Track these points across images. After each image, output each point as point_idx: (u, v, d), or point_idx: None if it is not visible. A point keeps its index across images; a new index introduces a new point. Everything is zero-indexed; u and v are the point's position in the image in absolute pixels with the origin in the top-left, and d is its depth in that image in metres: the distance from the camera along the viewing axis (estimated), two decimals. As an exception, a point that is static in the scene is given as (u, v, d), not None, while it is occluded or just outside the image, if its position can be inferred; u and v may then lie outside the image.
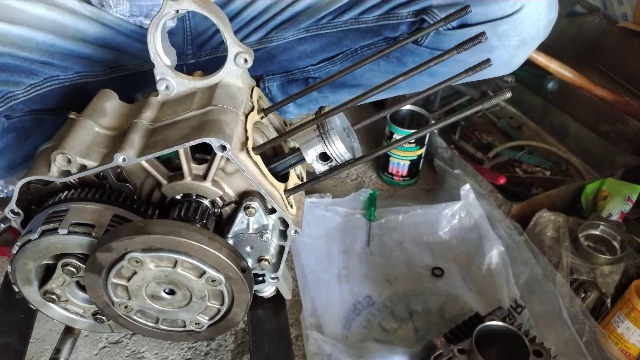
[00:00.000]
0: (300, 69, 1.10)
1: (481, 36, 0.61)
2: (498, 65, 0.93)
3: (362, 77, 1.08)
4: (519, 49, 0.90)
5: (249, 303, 0.69)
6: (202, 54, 1.05)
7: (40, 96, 0.88)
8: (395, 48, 0.71)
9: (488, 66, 0.60)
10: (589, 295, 0.96)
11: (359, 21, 1.01)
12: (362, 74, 1.07)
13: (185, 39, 1.02)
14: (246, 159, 0.66)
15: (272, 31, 0.99)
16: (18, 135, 0.88)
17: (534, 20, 0.86)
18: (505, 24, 0.86)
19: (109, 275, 0.64)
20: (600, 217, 1.07)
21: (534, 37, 0.89)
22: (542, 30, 0.88)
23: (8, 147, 0.87)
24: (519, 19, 0.85)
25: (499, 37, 0.89)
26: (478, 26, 0.89)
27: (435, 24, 0.68)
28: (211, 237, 0.63)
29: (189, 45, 1.03)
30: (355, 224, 1.12)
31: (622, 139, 1.30)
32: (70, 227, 0.65)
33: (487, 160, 1.31)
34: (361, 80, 1.08)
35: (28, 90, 0.85)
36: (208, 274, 0.64)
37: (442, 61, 0.62)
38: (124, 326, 0.72)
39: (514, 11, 0.84)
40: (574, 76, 1.39)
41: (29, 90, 0.85)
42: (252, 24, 1.02)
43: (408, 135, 0.65)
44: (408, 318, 0.98)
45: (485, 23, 0.86)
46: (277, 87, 1.19)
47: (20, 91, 0.84)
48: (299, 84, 1.16)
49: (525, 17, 0.85)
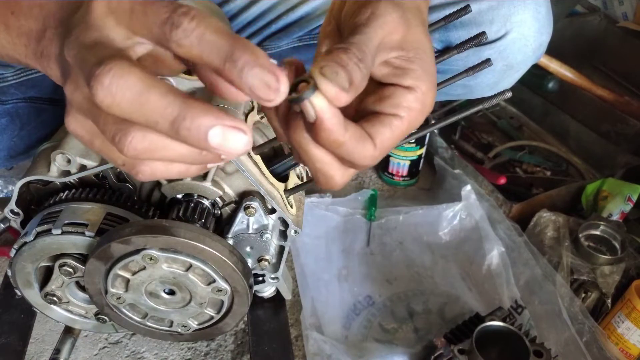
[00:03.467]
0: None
1: (481, 36, 0.61)
2: (484, 88, 0.90)
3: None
4: (504, 73, 0.87)
5: (243, 317, 0.70)
6: None
7: (32, 81, 0.86)
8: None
9: (488, 66, 0.60)
10: (589, 296, 0.96)
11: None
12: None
13: None
14: (246, 158, 0.66)
15: (267, 39, 0.99)
16: (12, 121, 0.86)
17: (520, 46, 0.83)
18: (489, 50, 0.82)
19: (115, 265, 0.64)
20: (600, 217, 1.07)
21: (521, 62, 0.86)
22: (530, 55, 0.85)
23: (2, 131, 0.86)
24: (503, 45, 0.82)
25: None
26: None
27: (435, 24, 0.67)
28: (232, 250, 0.64)
29: None
30: (356, 224, 1.12)
31: (622, 139, 1.30)
32: (64, 227, 0.65)
33: (487, 160, 1.31)
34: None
35: (18, 74, 0.84)
36: (217, 283, 0.64)
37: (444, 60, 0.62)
38: (107, 315, 0.72)
39: (498, 37, 0.81)
40: (574, 76, 1.39)
41: (19, 74, 0.84)
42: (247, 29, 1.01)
43: (408, 135, 0.65)
44: (408, 318, 0.97)
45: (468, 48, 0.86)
46: None
47: (10, 74, 0.83)
48: None
49: (510, 43, 0.82)
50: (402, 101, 0.41)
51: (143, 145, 0.35)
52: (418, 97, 0.41)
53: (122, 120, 0.35)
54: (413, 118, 0.41)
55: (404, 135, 0.42)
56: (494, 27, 0.80)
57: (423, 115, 0.42)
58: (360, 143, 0.39)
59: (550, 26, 0.86)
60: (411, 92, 0.41)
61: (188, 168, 0.40)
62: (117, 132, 0.35)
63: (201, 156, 0.37)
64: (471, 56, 0.80)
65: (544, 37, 0.85)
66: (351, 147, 0.39)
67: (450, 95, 0.99)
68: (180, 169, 0.39)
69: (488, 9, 0.80)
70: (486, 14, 0.80)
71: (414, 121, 0.42)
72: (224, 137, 0.33)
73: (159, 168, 0.39)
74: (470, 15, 0.65)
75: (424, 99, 0.42)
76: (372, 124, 0.40)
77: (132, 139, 0.35)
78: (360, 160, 0.40)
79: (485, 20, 0.80)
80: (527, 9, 0.80)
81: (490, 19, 0.80)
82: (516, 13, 0.80)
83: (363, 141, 0.39)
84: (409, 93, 0.41)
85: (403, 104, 0.41)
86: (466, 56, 0.71)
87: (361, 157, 0.39)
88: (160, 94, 0.33)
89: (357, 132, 0.39)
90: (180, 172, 0.40)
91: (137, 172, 0.39)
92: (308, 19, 0.96)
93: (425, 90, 0.42)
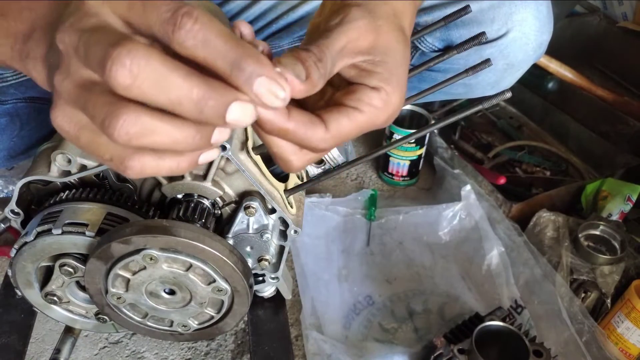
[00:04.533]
0: None
1: (481, 36, 0.61)
2: (485, 86, 0.91)
3: None
4: (505, 71, 0.88)
5: (243, 316, 0.70)
6: None
7: (32, 81, 0.86)
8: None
9: (488, 66, 0.60)
10: (589, 295, 0.96)
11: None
12: None
13: None
14: (246, 158, 0.66)
15: (268, 39, 0.99)
16: (12, 121, 0.86)
17: (521, 44, 0.84)
18: (490, 48, 0.83)
19: (116, 265, 0.64)
20: (600, 217, 1.07)
21: (522, 61, 0.87)
22: (531, 54, 0.86)
23: (1, 132, 0.86)
24: (504, 44, 0.83)
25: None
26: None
27: (435, 24, 0.67)
28: (232, 249, 0.64)
29: None
30: (355, 224, 1.12)
31: (622, 139, 1.30)
32: (64, 227, 0.65)
33: (487, 160, 1.31)
34: None
35: (18, 74, 0.83)
36: (217, 283, 0.64)
37: (443, 60, 0.62)
38: (107, 315, 0.72)
39: (499, 36, 0.82)
40: (574, 76, 1.39)
41: (19, 74, 0.83)
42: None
43: (408, 135, 0.65)
44: (408, 318, 0.98)
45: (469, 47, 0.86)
46: None
47: (9, 74, 0.83)
48: None
49: (511, 42, 0.83)
50: (365, 97, 0.44)
51: (135, 128, 0.34)
52: (382, 97, 0.44)
53: (113, 102, 0.34)
54: (374, 115, 0.44)
55: (364, 128, 0.45)
56: (495, 25, 0.81)
57: (386, 113, 0.45)
58: (309, 128, 0.41)
59: (551, 25, 0.86)
60: (375, 92, 0.44)
61: (179, 163, 0.39)
62: (107, 115, 0.34)
63: (194, 141, 0.36)
64: (472, 55, 0.80)
65: (545, 36, 0.86)
66: (300, 133, 0.41)
67: (450, 95, 0.99)
68: (171, 164, 0.38)
69: (489, 8, 0.80)
70: (487, 12, 0.80)
71: (375, 118, 0.44)
72: (242, 112, 0.34)
73: (149, 163, 0.38)
74: (472, 13, 0.66)
75: (388, 99, 0.44)
76: (330, 112, 0.43)
77: (124, 122, 0.34)
78: (312, 144, 0.42)
79: (486, 18, 0.80)
80: (528, 7, 0.81)
81: (491, 18, 0.80)
82: (517, 12, 0.80)
83: (312, 126, 0.42)
84: (372, 92, 0.44)
85: (365, 100, 0.44)
86: (467, 55, 0.72)
87: (312, 140, 0.42)
88: (183, 75, 0.33)
89: (304, 118, 0.41)
90: (171, 168, 0.39)
91: (125, 167, 0.38)
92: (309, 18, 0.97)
93: (390, 91, 0.44)
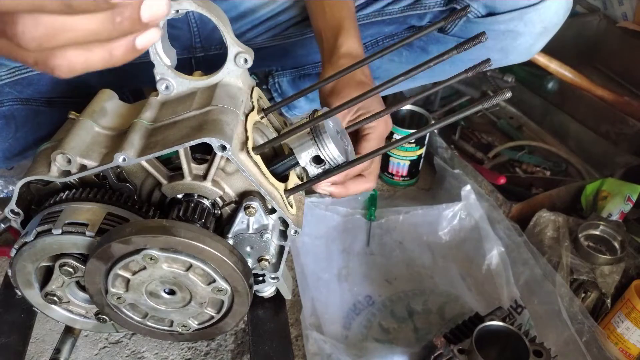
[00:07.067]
0: (316, 62, 1.08)
1: (481, 36, 0.61)
2: (521, 51, 1.01)
3: (380, 69, 1.06)
4: (541, 35, 0.98)
5: (243, 316, 0.70)
6: (211, 48, 1.04)
7: (28, 80, 0.85)
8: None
9: (488, 66, 0.60)
10: (589, 295, 0.96)
11: (382, 13, 1.00)
12: (381, 65, 1.05)
13: (192, 32, 1.00)
14: (246, 158, 0.66)
15: (290, 28, 1.00)
16: (7, 124, 0.86)
17: (556, 8, 0.94)
18: (531, 12, 0.93)
19: (116, 265, 0.64)
20: (600, 217, 1.07)
21: (555, 24, 0.97)
22: (561, 18, 0.97)
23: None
24: (543, 7, 0.93)
25: (525, 24, 0.96)
26: (506, 14, 0.95)
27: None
28: (232, 249, 0.64)
29: (197, 38, 1.01)
30: (355, 224, 1.12)
31: (622, 139, 1.30)
32: (64, 227, 0.65)
33: (487, 160, 1.31)
34: (378, 73, 1.06)
35: (12, 72, 0.83)
36: (217, 283, 0.64)
37: (443, 60, 0.62)
38: (107, 315, 0.72)
39: (539, 0, 0.93)
40: (574, 76, 1.39)
41: (14, 73, 0.83)
42: (268, 22, 1.00)
43: (408, 135, 0.65)
44: (408, 318, 0.97)
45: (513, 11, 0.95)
46: (287, 82, 1.17)
47: (4, 72, 0.83)
48: (311, 78, 1.14)
49: (549, 5, 0.93)
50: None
51: (39, 31, 0.31)
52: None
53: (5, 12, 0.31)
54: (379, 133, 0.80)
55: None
56: None
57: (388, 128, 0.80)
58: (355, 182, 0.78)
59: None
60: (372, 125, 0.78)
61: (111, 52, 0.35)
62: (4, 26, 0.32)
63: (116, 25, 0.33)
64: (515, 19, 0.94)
65: (570, 4, 0.98)
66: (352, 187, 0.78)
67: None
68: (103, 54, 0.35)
69: None
70: None
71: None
72: None
73: (76, 59, 0.34)
74: None
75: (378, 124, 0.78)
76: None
77: (24, 28, 0.31)
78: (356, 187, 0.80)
79: None
80: None
81: None
82: None
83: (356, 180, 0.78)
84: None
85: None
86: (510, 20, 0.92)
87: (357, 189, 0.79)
88: None
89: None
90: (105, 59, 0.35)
91: (52, 67, 0.35)
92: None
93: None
